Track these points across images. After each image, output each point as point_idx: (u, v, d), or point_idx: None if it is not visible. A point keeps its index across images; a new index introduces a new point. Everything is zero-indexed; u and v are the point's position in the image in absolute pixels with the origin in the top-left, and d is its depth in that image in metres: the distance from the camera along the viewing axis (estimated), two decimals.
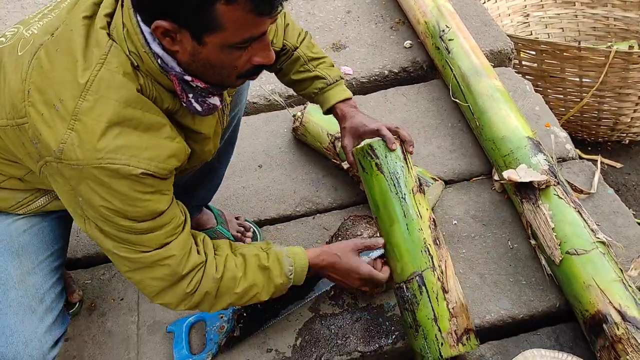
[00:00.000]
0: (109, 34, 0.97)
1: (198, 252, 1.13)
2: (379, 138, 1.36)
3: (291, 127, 1.94)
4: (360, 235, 1.54)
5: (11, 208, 1.21)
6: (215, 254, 1.17)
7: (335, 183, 1.81)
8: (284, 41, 1.40)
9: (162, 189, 1.03)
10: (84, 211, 1.03)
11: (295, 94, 2.11)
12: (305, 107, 1.88)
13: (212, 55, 0.94)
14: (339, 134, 1.76)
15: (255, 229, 1.66)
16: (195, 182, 1.50)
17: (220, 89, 1.06)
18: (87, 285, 1.60)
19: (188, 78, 1.00)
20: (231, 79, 1.02)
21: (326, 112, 1.46)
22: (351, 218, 1.61)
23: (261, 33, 0.95)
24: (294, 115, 1.91)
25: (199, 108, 1.05)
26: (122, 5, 0.97)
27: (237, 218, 1.65)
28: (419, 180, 1.40)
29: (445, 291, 1.27)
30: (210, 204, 1.65)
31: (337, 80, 1.44)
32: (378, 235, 1.56)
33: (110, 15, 0.99)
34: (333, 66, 1.47)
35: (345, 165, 1.72)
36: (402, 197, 1.33)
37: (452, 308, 1.26)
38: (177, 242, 1.08)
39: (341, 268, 1.28)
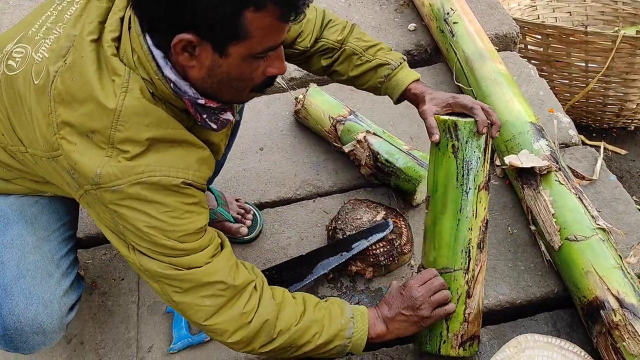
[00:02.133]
0: (121, 61, 0.97)
1: (246, 269, 1.13)
2: (468, 119, 1.24)
3: (293, 109, 1.93)
4: (359, 219, 1.55)
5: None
6: (264, 283, 1.15)
7: (336, 166, 1.81)
8: (323, 39, 1.35)
9: (201, 200, 1.05)
10: (127, 239, 1.03)
11: (298, 76, 2.12)
12: (307, 89, 1.87)
13: (232, 67, 0.95)
14: (340, 117, 1.76)
15: (255, 212, 1.66)
16: None
17: (230, 105, 1.07)
18: (88, 265, 1.61)
19: (201, 101, 1.01)
20: (244, 93, 1.03)
21: (399, 100, 1.37)
22: (351, 202, 1.61)
23: (280, 42, 0.96)
24: (295, 98, 1.90)
25: (214, 126, 1.07)
26: (129, 29, 0.97)
27: (237, 200, 1.66)
28: (489, 175, 1.32)
29: (468, 296, 1.26)
30: (210, 185, 1.65)
31: (400, 63, 1.35)
32: (377, 218, 1.56)
33: (117, 40, 0.98)
34: (391, 50, 1.38)
35: (346, 148, 1.72)
36: (465, 191, 1.25)
37: (468, 314, 1.26)
38: (219, 259, 1.08)
39: (390, 297, 1.24)
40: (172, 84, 0.98)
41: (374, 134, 1.70)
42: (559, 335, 1.38)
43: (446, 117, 1.26)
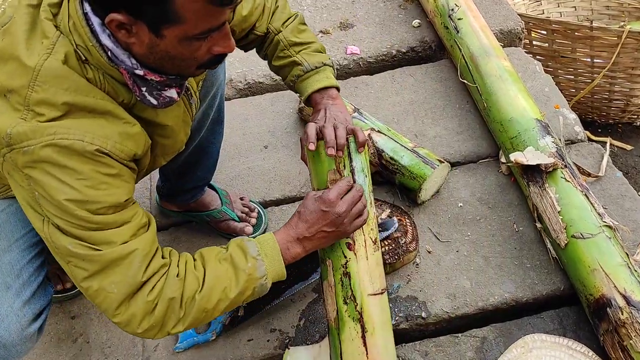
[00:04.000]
0: (56, 26, 0.94)
1: (163, 257, 1.05)
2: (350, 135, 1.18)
3: (297, 107, 1.93)
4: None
5: None
6: (179, 260, 1.07)
7: None
8: (269, 25, 1.34)
9: (122, 174, 0.99)
10: (42, 208, 0.97)
11: None
12: None
13: (170, 47, 0.92)
14: None
15: (260, 210, 1.66)
16: (190, 164, 1.49)
17: (180, 80, 1.03)
18: None
19: (140, 72, 0.97)
20: (191, 69, 1.00)
21: (306, 103, 1.34)
22: None
23: (221, 23, 0.93)
24: (299, 96, 1.89)
25: (154, 101, 1.02)
26: None
27: (241, 199, 1.65)
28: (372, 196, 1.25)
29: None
30: (214, 184, 1.65)
31: (316, 67, 1.31)
32: (382, 216, 1.56)
33: (57, 6, 0.96)
34: (320, 52, 1.34)
35: None
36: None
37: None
38: (139, 240, 1.00)
39: (309, 215, 1.12)
40: (109, 52, 0.94)
41: (379, 131, 1.70)
42: (565, 333, 1.38)
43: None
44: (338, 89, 1.34)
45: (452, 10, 2.00)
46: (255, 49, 1.42)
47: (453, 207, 1.66)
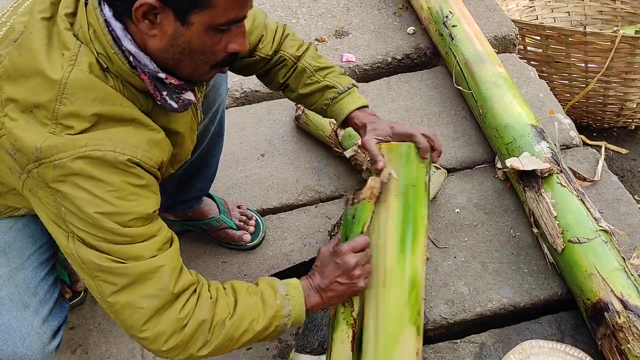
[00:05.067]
0: (75, 36, 0.94)
1: (190, 274, 1.05)
2: (410, 143, 1.22)
3: (293, 115, 1.94)
4: None
5: None
6: (209, 284, 1.08)
7: (338, 172, 1.81)
8: (282, 51, 1.33)
9: (150, 184, 0.99)
10: (68, 224, 0.96)
11: None
12: None
13: (194, 37, 0.92)
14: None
15: (257, 218, 1.67)
16: (189, 175, 1.50)
17: (192, 85, 1.04)
18: None
19: (162, 76, 0.97)
20: (205, 68, 1.00)
21: (343, 125, 1.34)
22: None
23: (244, 16, 0.94)
24: (296, 104, 1.90)
25: (174, 105, 1.02)
26: (85, 4, 0.94)
27: (239, 207, 1.66)
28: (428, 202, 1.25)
29: None
30: (212, 192, 1.65)
31: (349, 88, 1.32)
32: None
33: (72, 15, 0.96)
34: (343, 75, 1.36)
35: (347, 154, 1.72)
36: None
37: None
38: (165, 255, 0.99)
39: (323, 267, 1.15)
40: (130, 57, 0.94)
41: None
42: (563, 338, 1.38)
43: (391, 144, 1.23)
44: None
45: (447, 17, 2.01)
46: (259, 77, 1.42)
47: (450, 213, 1.66)
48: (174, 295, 0.99)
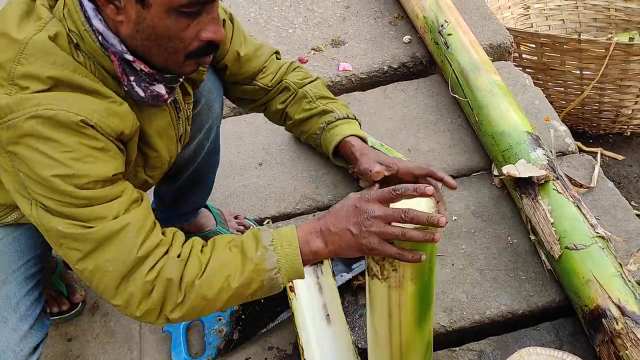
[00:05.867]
0: (51, 13, 0.94)
1: (164, 234, 0.99)
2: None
3: None
4: None
5: None
6: (184, 242, 1.01)
7: (335, 180, 1.81)
8: (285, 80, 1.32)
9: (108, 148, 0.95)
10: (28, 190, 0.93)
11: None
12: None
13: (156, 20, 0.90)
14: None
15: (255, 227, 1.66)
16: (185, 190, 1.50)
17: (168, 75, 1.00)
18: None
19: (129, 57, 0.94)
20: (179, 58, 0.96)
21: (335, 152, 1.27)
22: None
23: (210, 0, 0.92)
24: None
25: (141, 93, 0.99)
26: None
27: (236, 217, 1.66)
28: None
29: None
30: (209, 202, 1.66)
31: (348, 117, 1.28)
32: None
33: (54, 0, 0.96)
34: (347, 107, 1.32)
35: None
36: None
37: None
38: (130, 215, 0.94)
39: (340, 207, 0.97)
40: (100, 37, 0.93)
41: (372, 147, 1.71)
42: (561, 345, 1.38)
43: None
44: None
45: (442, 26, 2.03)
46: (259, 110, 1.41)
47: (448, 220, 1.67)
48: (140, 258, 0.93)
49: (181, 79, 1.06)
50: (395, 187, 0.93)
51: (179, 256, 0.96)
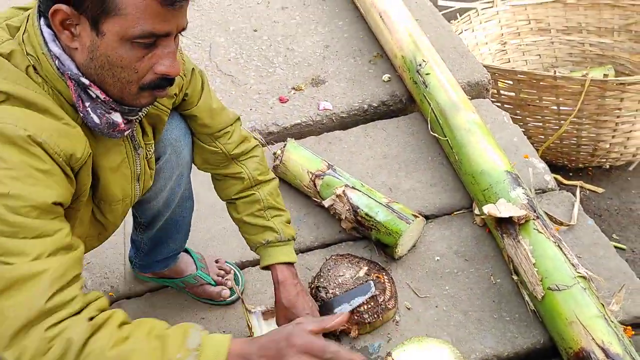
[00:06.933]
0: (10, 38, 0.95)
1: (86, 294, 0.90)
2: None
3: (271, 165, 1.94)
4: (342, 275, 1.54)
5: None
6: (105, 309, 0.91)
7: (317, 221, 1.80)
8: (244, 167, 1.34)
9: (54, 173, 0.90)
10: None
11: (275, 131, 2.13)
12: (285, 145, 1.88)
13: (109, 48, 0.90)
14: (319, 172, 1.77)
15: (236, 271, 1.64)
16: (161, 238, 1.48)
17: (125, 108, 0.99)
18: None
19: (85, 81, 0.94)
20: (132, 89, 0.95)
21: (264, 268, 1.39)
22: (333, 258, 1.60)
23: (164, 32, 0.91)
24: (274, 153, 1.91)
25: (97, 120, 0.97)
26: (28, 18, 0.96)
27: (217, 261, 1.63)
28: None
29: None
30: (189, 247, 1.63)
31: (288, 240, 1.37)
32: (360, 274, 1.55)
33: (16, 29, 0.97)
34: (289, 224, 1.40)
35: (326, 203, 1.72)
36: None
37: None
38: (54, 259, 0.87)
39: (270, 340, 0.94)
40: (57, 61, 0.93)
41: (353, 187, 1.71)
42: None
43: None
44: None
45: (420, 65, 2.05)
46: (215, 180, 1.42)
47: (430, 261, 1.66)
48: (46, 310, 0.84)
49: (140, 113, 1.05)
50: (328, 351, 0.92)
51: (90, 319, 0.88)
